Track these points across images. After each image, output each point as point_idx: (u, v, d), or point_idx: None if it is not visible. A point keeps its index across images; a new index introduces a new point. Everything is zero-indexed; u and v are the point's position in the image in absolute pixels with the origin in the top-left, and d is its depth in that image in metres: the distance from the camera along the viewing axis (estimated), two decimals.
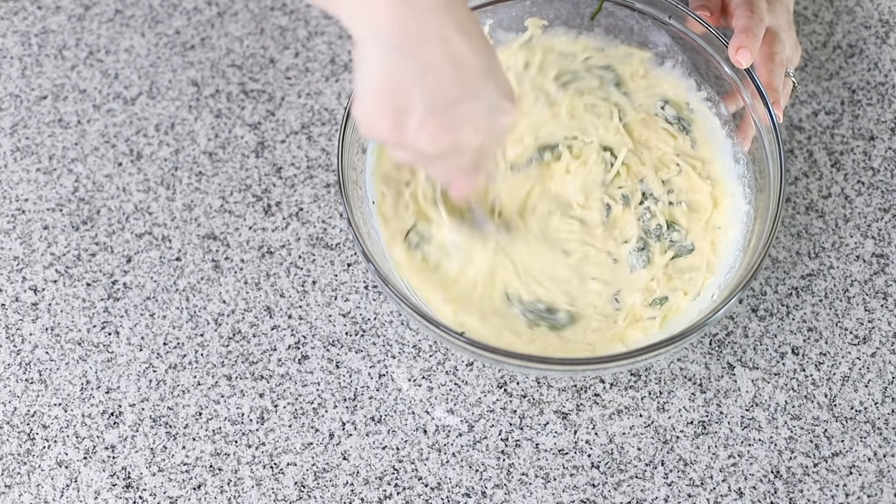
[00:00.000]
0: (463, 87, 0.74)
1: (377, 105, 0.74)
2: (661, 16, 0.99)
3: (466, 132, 0.75)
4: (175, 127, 1.06)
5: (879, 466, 0.93)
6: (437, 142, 0.75)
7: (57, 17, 1.11)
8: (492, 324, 0.92)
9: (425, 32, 0.71)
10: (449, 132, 0.75)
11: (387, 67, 0.72)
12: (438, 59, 0.72)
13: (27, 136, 1.06)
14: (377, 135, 0.75)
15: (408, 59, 0.72)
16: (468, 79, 0.73)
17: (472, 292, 0.93)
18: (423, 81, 0.72)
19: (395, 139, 0.75)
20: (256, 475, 0.92)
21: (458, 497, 0.91)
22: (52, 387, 0.95)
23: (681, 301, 0.93)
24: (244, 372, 0.96)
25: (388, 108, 0.73)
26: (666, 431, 0.94)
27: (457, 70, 0.73)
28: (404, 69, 0.72)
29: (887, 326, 0.98)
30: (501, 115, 0.77)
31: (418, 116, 0.73)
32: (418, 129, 0.74)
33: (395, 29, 0.70)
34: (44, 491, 0.92)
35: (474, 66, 0.73)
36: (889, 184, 1.04)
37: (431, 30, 0.71)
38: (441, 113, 0.74)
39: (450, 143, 0.75)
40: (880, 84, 1.08)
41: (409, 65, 0.72)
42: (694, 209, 0.97)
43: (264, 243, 1.01)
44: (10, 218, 1.02)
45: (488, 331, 0.92)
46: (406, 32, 0.71)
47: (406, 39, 0.71)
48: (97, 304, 0.98)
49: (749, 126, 0.96)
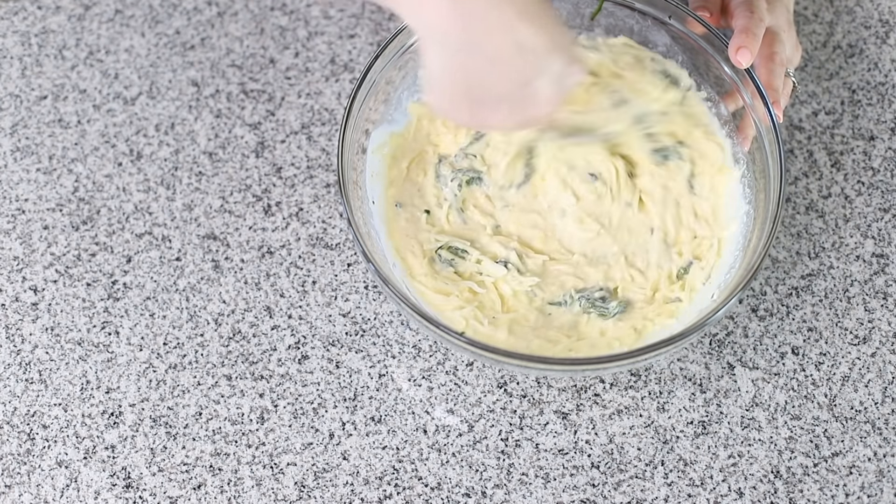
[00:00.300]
0: (531, 70, 0.76)
1: (452, 99, 0.78)
2: (661, 16, 0.98)
3: (537, 107, 0.79)
4: (175, 127, 1.06)
5: (879, 466, 0.93)
6: (509, 122, 0.79)
7: (57, 17, 1.11)
8: (520, 335, 0.93)
9: (488, 26, 0.73)
10: (520, 111, 0.79)
11: (455, 65, 0.75)
12: (504, 49, 0.74)
13: (27, 136, 1.06)
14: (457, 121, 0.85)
15: (475, 55, 0.74)
16: (535, 61, 0.76)
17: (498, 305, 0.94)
18: (492, 73, 0.75)
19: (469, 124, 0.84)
20: (256, 475, 0.92)
21: (458, 497, 0.91)
22: (52, 387, 0.95)
23: (697, 276, 0.94)
24: (244, 372, 0.96)
25: (462, 100, 0.77)
26: (666, 431, 0.94)
27: (523, 56, 0.75)
28: (472, 64, 0.75)
29: (887, 326, 0.98)
30: (568, 80, 0.79)
31: (491, 104, 0.77)
32: (491, 115, 0.78)
33: (457, 28, 0.72)
34: (44, 491, 0.92)
35: (540, 47, 0.75)
36: (889, 184, 1.04)
37: (493, 23, 0.73)
38: (511, 96, 0.77)
39: (521, 119, 0.80)
40: (880, 84, 1.08)
41: (475, 60, 0.74)
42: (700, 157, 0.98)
43: (264, 243, 1.01)
44: (10, 218, 1.02)
45: (516, 341, 0.92)
46: (468, 30, 0.73)
47: (470, 36, 0.73)
48: (97, 304, 0.98)
49: (749, 126, 0.96)
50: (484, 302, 0.94)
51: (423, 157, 0.99)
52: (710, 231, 0.95)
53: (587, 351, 0.92)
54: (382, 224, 0.96)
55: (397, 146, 0.99)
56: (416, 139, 0.99)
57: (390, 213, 0.97)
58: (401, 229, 0.96)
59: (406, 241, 0.96)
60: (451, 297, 0.93)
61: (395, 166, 0.98)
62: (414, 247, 0.96)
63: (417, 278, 0.94)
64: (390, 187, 0.98)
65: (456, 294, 0.93)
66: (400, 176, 0.98)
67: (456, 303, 0.93)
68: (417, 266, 0.94)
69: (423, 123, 1.00)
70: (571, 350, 0.92)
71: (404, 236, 0.96)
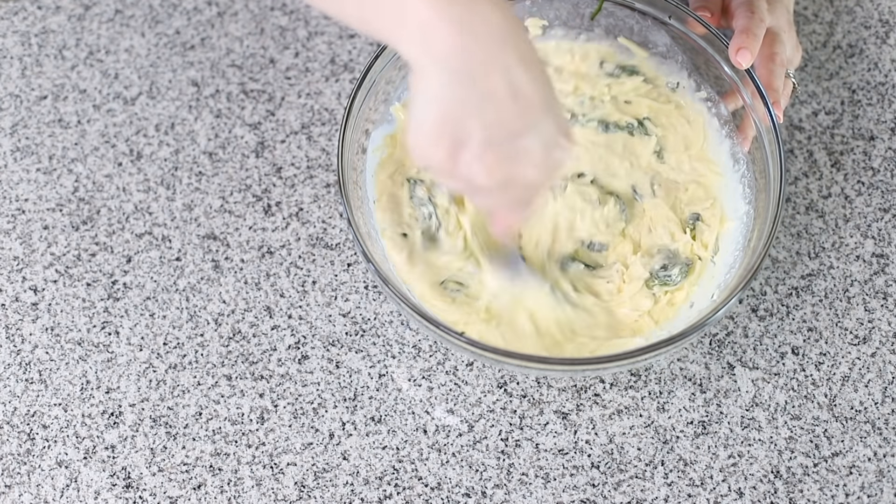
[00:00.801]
0: (522, 121, 0.72)
1: (434, 134, 0.72)
2: (662, 16, 0.98)
3: (523, 167, 0.74)
4: (175, 127, 1.06)
5: (879, 466, 0.93)
6: (493, 175, 0.74)
7: (57, 17, 1.11)
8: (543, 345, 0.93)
9: (488, 62, 0.70)
10: (505, 166, 0.74)
11: (446, 96, 0.71)
12: (499, 89, 0.71)
13: (27, 136, 1.06)
14: (431, 164, 0.74)
15: (469, 88, 0.70)
16: (528, 112, 0.72)
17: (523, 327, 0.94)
18: (483, 112, 0.71)
19: (448, 169, 0.74)
20: (256, 475, 0.92)
21: (458, 497, 0.91)
22: (52, 387, 0.95)
23: (706, 234, 0.95)
24: (244, 372, 0.96)
25: (444, 137, 0.72)
26: (666, 431, 0.94)
27: (517, 102, 0.72)
28: (464, 98, 0.71)
29: (887, 326, 0.98)
30: (557, 151, 0.75)
31: (475, 148, 0.72)
32: (474, 162, 0.73)
33: (457, 56, 0.70)
34: (44, 491, 0.92)
35: (534, 99, 0.72)
36: (889, 184, 1.04)
37: (494, 59, 0.70)
38: (499, 146, 0.73)
39: (505, 177, 0.74)
40: (880, 84, 1.08)
41: (469, 94, 0.71)
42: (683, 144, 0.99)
43: (264, 243, 1.01)
44: (10, 218, 1.02)
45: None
46: (468, 60, 0.70)
47: (468, 67, 0.70)
48: (97, 304, 0.98)
49: (749, 126, 0.96)
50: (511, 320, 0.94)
51: (401, 170, 0.99)
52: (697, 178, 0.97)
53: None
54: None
55: (388, 156, 0.98)
56: (402, 146, 0.99)
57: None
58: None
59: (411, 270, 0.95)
60: (472, 315, 0.93)
61: (382, 171, 0.98)
62: (419, 273, 0.95)
63: (429, 301, 0.93)
64: (377, 199, 0.97)
65: (474, 314, 0.93)
66: (384, 189, 0.98)
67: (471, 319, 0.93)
68: (429, 294, 0.94)
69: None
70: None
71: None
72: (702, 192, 0.97)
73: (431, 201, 0.96)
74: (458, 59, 0.70)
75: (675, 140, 0.99)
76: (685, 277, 0.94)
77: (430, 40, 0.70)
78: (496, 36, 0.70)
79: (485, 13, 0.70)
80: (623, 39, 1.01)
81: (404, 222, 0.96)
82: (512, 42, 0.71)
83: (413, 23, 0.70)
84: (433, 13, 0.69)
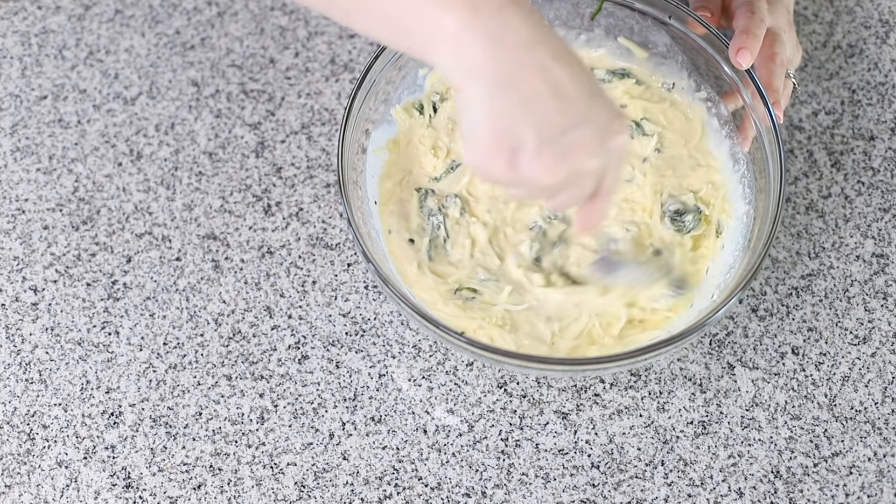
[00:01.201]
0: (569, 114, 0.73)
1: (489, 149, 0.73)
2: (662, 16, 0.98)
3: (581, 157, 0.74)
4: (175, 127, 1.06)
5: (879, 466, 0.93)
6: (554, 173, 0.74)
7: (57, 17, 1.11)
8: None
9: (523, 66, 0.71)
10: (564, 161, 0.74)
11: (492, 107, 0.72)
12: (540, 89, 0.72)
13: (27, 136, 1.06)
14: (495, 177, 0.75)
15: (510, 96, 0.71)
16: (573, 105, 0.73)
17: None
18: (529, 114, 0.72)
19: (511, 177, 0.74)
20: (256, 475, 0.92)
21: (458, 497, 0.91)
22: (52, 387, 0.95)
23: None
24: (244, 372, 0.96)
25: (501, 148, 0.73)
26: (666, 431, 0.94)
27: (560, 98, 0.72)
28: (508, 105, 0.72)
29: (887, 326, 0.98)
30: (614, 136, 0.76)
31: (530, 151, 0.73)
32: (532, 163, 0.73)
33: (491, 68, 0.70)
34: (44, 491, 0.92)
35: (577, 91, 0.73)
36: (889, 184, 1.04)
37: (528, 63, 0.71)
38: (552, 143, 0.73)
39: (567, 172, 0.75)
40: (880, 84, 1.08)
41: (512, 100, 0.71)
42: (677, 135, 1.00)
43: (264, 243, 1.01)
44: (10, 218, 1.02)
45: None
46: (503, 69, 0.71)
47: (505, 76, 0.71)
48: (97, 304, 0.98)
49: (749, 126, 0.96)
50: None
51: (409, 178, 0.99)
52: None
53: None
54: (382, 225, 0.97)
55: (391, 161, 0.98)
56: (407, 152, 0.99)
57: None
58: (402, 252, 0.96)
59: (421, 278, 0.95)
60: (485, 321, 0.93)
61: (388, 179, 0.98)
62: (428, 283, 0.95)
63: (439, 309, 0.93)
64: (382, 205, 0.97)
65: (488, 320, 0.93)
66: (391, 196, 0.98)
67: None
68: (441, 303, 0.94)
69: (413, 130, 1.00)
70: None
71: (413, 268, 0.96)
72: (702, 173, 0.98)
73: (442, 212, 0.97)
74: (493, 70, 0.71)
75: (672, 136, 0.99)
76: (698, 226, 0.95)
77: (463, 56, 0.71)
78: (525, 40, 0.71)
79: (510, 19, 0.70)
80: (623, 39, 1.01)
81: (412, 230, 0.96)
82: (542, 42, 0.71)
83: (442, 40, 0.71)
84: (460, 28, 0.70)
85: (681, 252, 0.95)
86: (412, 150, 0.99)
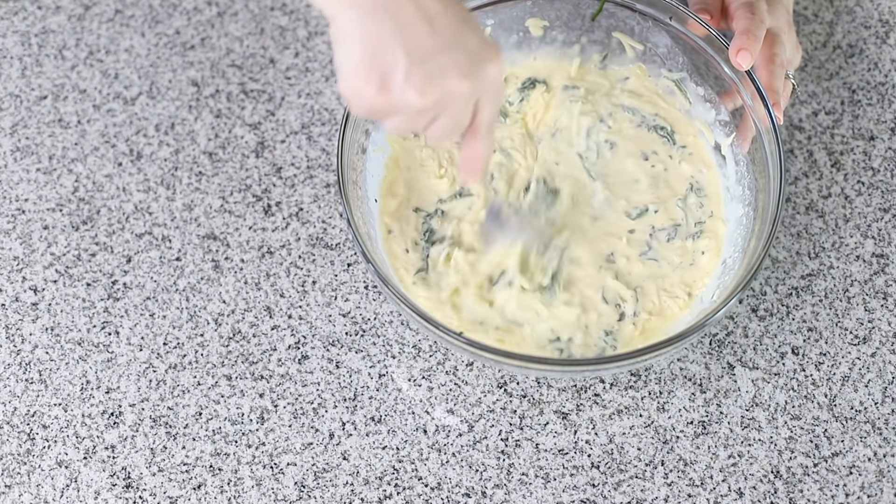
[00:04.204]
0: (440, 38, 0.75)
1: (362, 73, 0.75)
2: (662, 17, 0.99)
3: (453, 78, 0.76)
4: (175, 127, 1.06)
5: (879, 466, 0.93)
6: (426, 92, 0.76)
7: (57, 17, 1.11)
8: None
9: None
10: (435, 81, 0.76)
11: (364, 31, 0.74)
12: (413, 17, 0.74)
13: (27, 136, 1.06)
14: (367, 104, 0.76)
15: (383, 20, 0.74)
16: (444, 30, 0.75)
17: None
18: (401, 37, 0.74)
19: (384, 102, 0.76)
20: (256, 475, 0.92)
21: (458, 497, 0.92)
22: (52, 387, 0.95)
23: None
24: (244, 372, 0.96)
25: (372, 72, 0.75)
26: (666, 431, 0.94)
27: (432, 24, 0.75)
28: (381, 30, 0.74)
29: (887, 326, 0.98)
30: (486, 63, 0.78)
31: (402, 72, 0.75)
32: (404, 85, 0.75)
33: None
34: (44, 491, 0.92)
35: (448, 20, 0.76)
36: (889, 184, 1.04)
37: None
38: (423, 64, 0.75)
39: (439, 94, 0.76)
40: (880, 84, 1.08)
41: (384, 25, 0.74)
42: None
43: (264, 243, 1.01)
44: (10, 218, 1.02)
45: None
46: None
47: (379, 3, 0.73)
48: (97, 304, 0.98)
49: (749, 127, 0.96)
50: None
51: (409, 204, 0.99)
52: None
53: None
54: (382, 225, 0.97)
55: (392, 179, 0.98)
56: (409, 169, 0.99)
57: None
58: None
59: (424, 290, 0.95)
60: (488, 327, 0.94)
61: (391, 198, 0.98)
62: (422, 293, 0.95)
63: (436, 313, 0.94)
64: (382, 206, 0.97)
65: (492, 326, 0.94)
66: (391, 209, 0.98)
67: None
68: (436, 309, 0.94)
69: (413, 154, 1.00)
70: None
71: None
72: (696, 158, 1.00)
73: (437, 241, 0.96)
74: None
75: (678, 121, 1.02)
76: (703, 200, 0.97)
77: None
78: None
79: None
80: (618, 34, 1.01)
81: (409, 243, 0.96)
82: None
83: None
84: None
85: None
86: (413, 172, 0.99)
